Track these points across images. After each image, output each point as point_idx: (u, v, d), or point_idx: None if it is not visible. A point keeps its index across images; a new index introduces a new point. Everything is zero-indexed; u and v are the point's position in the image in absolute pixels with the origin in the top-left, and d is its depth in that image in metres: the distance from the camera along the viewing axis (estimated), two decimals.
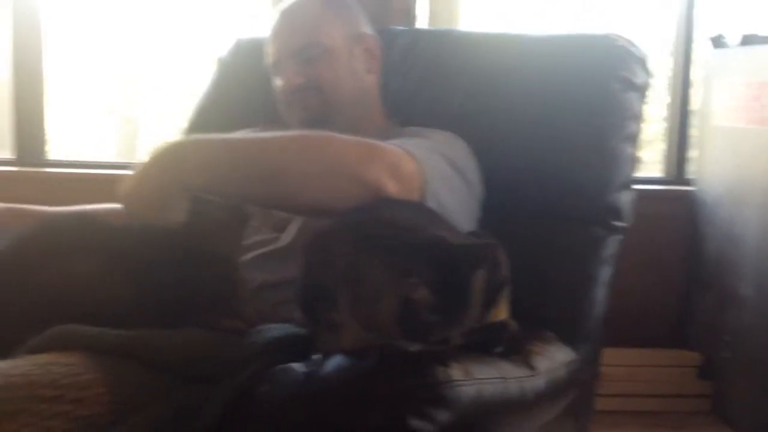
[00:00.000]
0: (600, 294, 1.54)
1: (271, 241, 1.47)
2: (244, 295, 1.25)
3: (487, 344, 1.09)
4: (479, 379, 1.01)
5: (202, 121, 1.94)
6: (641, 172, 3.09)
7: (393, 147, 1.27)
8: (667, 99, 2.89)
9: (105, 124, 4.16)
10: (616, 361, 2.62)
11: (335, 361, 0.98)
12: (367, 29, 1.68)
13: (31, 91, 2.75)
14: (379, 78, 1.69)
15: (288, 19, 1.63)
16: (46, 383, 0.92)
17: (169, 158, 1.19)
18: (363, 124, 1.64)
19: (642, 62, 1.65)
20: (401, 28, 1.81)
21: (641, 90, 1.65)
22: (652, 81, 1.68)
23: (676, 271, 2.76)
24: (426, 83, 1.76)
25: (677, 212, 2.74)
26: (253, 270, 1.39)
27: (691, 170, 2.85)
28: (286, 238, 1.46)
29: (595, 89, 1.62)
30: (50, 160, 2.81)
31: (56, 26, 2.84)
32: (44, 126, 2.80)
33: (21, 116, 2.75)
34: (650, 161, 3.01)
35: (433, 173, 1.30)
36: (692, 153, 2.87)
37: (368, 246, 1.04)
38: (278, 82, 1.63)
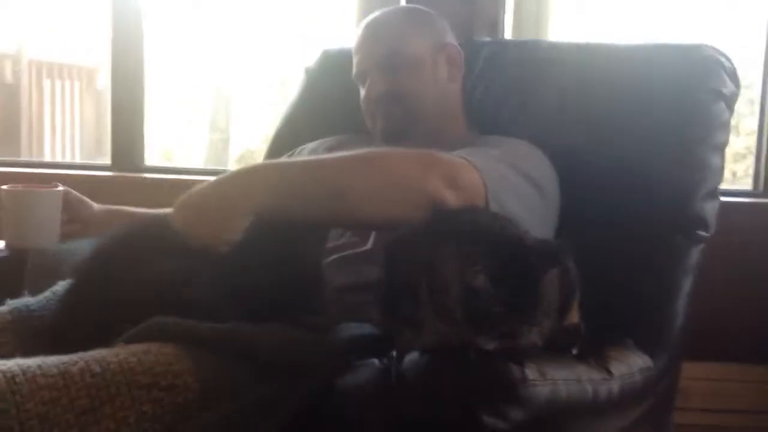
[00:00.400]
0: (682, 304, 1.53)
1: (354, 244, 1.51)
2: (328, 296, 1.30)
3: (564, 346, 1.10)
4: (554, 380, 1.02)
5: (289, 130, 2.00)
6: (731, 185, 3.05)
7: (452, 157, 1.29)
8: (749, 105, 2.82)
9: (197, 133, 4.30)
10: (701, 374, 2.57)
11: (412, 358, 1.00)
12: (450, 39, 1.71)
13: (131, 98, 2.86)
14: (461, 87, 1.71)
15: (372, 29, 1.68)
16: (141, 371, 0.98)
17: (233, 183, 1.23)
18: (444, 134, 1.66)
19: (731, 73, 1.64)
20: (487, 39, 1.84)
21: (729, 100, 1.63)
22: (741, 92, 1.66)
23: (765, 285, 2.68)
24: (510, 94, 1.77)
25: (767, 225, 2.66)
26: (336, 272, 1.43)
27: None
28: (368, 242, 1.50)
29: (683, 99, 1.61)
30: (146, 165, 2.93)
31: (156, 34, 2.94)
32: (143, 133, 2.91)
33: (120, 123, 2.87)
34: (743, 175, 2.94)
35: (496, 182, 1.31)
36: None
37: (444, 240, 1.07)
38: (362, 91, 1.68)
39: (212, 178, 2.57)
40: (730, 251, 2.52)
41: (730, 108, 1.62)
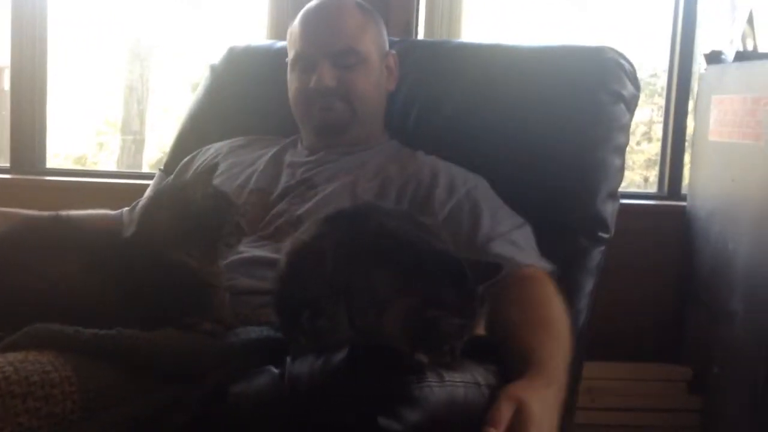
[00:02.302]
0: (584, 304, 1.55)
1: (261, 247, 1.48)
2: (223, 299, 1.26)
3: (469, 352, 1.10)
4: (453, 382, 1.01)
5: (194, 129, 1.95)
6: (634, 187, 3.13)
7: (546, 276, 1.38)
8: (662, 113, 2.90)
9: (110, 136, 4.18)
10: (607, 374, 2.62)
11: (306, 362, 0.98)
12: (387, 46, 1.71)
13: (32, 97, 2.75)
14: (388, 94, 1.72)
15: (330, 18, 1.64)
16: (16, 379, 0.92)
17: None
18: (371, 138, 1.68)
19: (632, 75, 1.67)
20: (397, 39, 1.83)
21: (630, 103, 1.66)
22: (656, 99, 1.70)
23: (669, 285, 2.75)
24: (418, 93, 1.77)
25: (670, 227, 2.74)
26: (240, 274, 1.39)
27: (685, 185, 2.85)
28: (281, 249, 1.46)
29: (584, 100, 1.64)
30: (48, 168, 2.82)
31: (58, 31, 2.84)
32: (45, 134, 2.80)
33: (19, 123, 2.76)
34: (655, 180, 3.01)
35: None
36: (686, 168, 2.87)
37: (373, 260, 1.06)
38: (303, 77, 1.63)
39: (121, 181, 2.51)
40: (637, 252, 2.59)
41: (630, 110, 1.65)
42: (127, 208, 1.78)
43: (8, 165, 2.77)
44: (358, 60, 1.62)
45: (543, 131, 1.61)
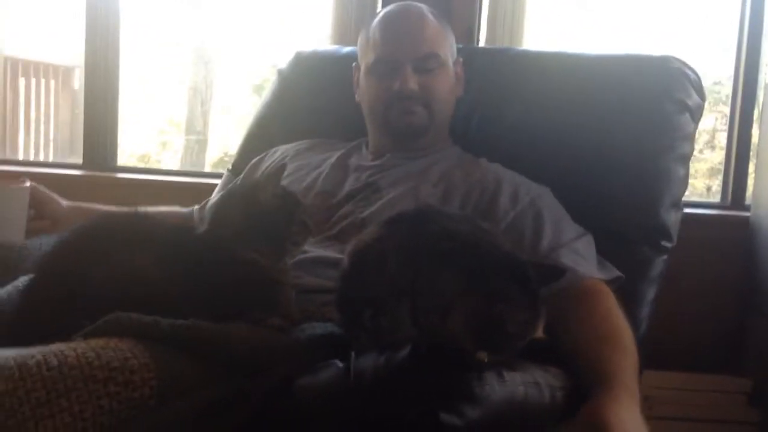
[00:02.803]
0: (645, 312, 1.55)
1: (326, 248, 1.52)
2: (290, 296, 1.30)
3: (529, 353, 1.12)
4: (513, 382, 1.03)
5: (261, 132, 2.01)
6: (706, 199, 3.09)
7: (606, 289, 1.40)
8: (726, 122, 2.86)
9: (174, 136, 4.29)
10: (665, 384, 2.59)
11: (370, 358, 1.01)
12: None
13: (104, 97, 2.85)
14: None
15: (412, 24, 1.68)
16: (98, 365, 0.97)
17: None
18: (438, 143, 1.71)
19: (697, 85, 1.67)
20: (459, 45, 1.85)
21: (694, 112, 1.66)
22: (719, 108, 1.69)
23: (730, 296, 2.71)
24: (480, 100, 1.80)
25: (733, 238, 2.69)
26: (306, 273, 1.43)
27: (748, 195, 2.80)
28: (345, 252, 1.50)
29: (649, 109, 1.64)
30: (118, 165, 2.91)
31: (128, 33, 2.93)
32: (116, 132, 2.90)
33: (92, 122, 2.86)
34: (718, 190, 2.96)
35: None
36: (750, 177, 2.82)
37: (435, 261, 1.09)
38: (384, 81, 1.66)
39: (185, 180, 2.57)
40: (699, 262, 2.56)
41: (695, 119, 1.65)
42: (197, 206, 1.83)
43: (81, 162, 2.87)
44: (438, 64, 1.65)
45: (607, 140, 1.62)
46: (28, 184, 1.60)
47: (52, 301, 1.16)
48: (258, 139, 1.98)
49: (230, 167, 2.01)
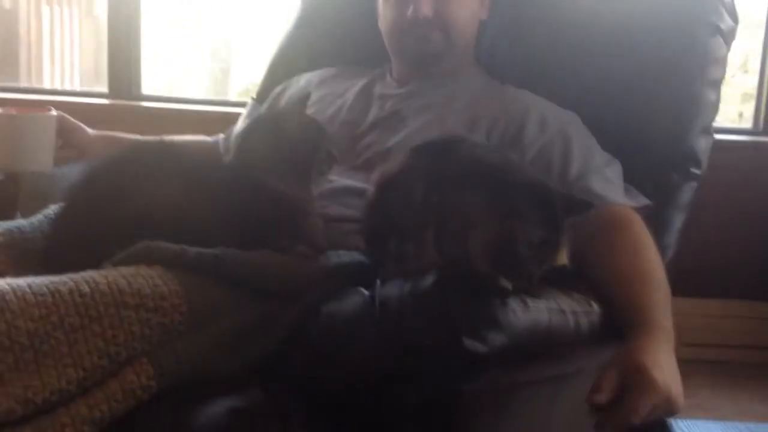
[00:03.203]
0: (672, 240, 1.54)
1: (351, 177, 1.52)
2: (315, 224, 1.31)
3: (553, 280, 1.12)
4: (536, 308, 1.04)
5: (285, 60, 1.98)
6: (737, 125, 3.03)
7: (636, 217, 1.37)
8: (760, 49, 2.78)
9: (197, 62, 4.25)
10: (695, 311, 2.61)
11: (396, 285, 1.02)
12: None
13: (128, 26, 2.84)
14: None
15: None
16: (129, 292, 0.99)
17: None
18: (462, 68, 1.67)
19: (730, 8, 1.62)
20: None
21: (727, 36, 1.62)
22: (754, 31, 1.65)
23: (761, 222, 2.69)
24: (508, 23, 1.75)
25: (765, 163, 2.66)
26: (332, 202, 1.44)
27: None
28: (369, 181, 1.50)
29: (679, 32, 1.60)
30: (143, 94, 2.91)
31: None
32: (140, 61, 2.89)
33: (117, 51, 2.85)
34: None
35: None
36: None
37: (461, 187, 1.10)
38: (398, 7, 1.63)
39: (210, 108, 2.57)
40: (730, 189, 2.53)
41: (728, 43, 1.61)
42: (222, 135, 1.84)
43: (107, 91, 2.88)
44: None
45: (636, 64, 1.58)
46: (54, 112, 1.60)
47: (82, 230, 1.18)
48: (281, 67, 1.96)
49: (254, 96, 2.00)
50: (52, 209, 1.31)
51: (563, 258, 1.14)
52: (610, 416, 1.03)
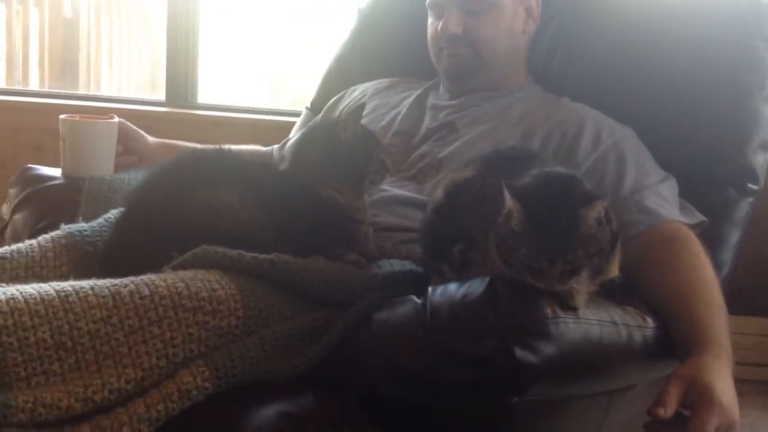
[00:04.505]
0: (728, 256, 1.52)
1: (403, 187, 1.53)
2: (368, 233, 1.32)
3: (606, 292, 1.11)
4: (587, 319, 1.03)
5: (340, 71, 2.01)
6: None
7: (691, 234, 1.36)
8: None
9: (254, 73, 4.31)
10: (747, 329, 2.56)
11: (447, 293, 1.02)
12: None
13: (186, 35, 2.89)
14: (530, 37, 1.70)
15: None
16: (187, 295, 1.02)
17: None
18: (507, 82, 1.67)
19: None
20: None
21: None
22: None
23: None
24: (563, 37, 1.75)
25: None
26: (384, 211, 1.45)
27: None
28: (423, 192, 1.51)
29: (737, 47, 1.58)
30: (199, 103, 2.97)
31: None
32: (196, 69, 2.95)
33: (174, 60, 2.91)
34: None
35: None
36: None
37: (526, 195, 1.07)
38: (434, 23, 1.65)
39: (264, 117, 2.60)
40: None
41: None
42: (277, 146, 1.86)
43: (164, 99, 2.94)
44: (488, 6, 1.59)
45: (694, 79, 1.57)
46: (116, 119, 1.65)
47: (141, 234, 1.21)
48: (336, 77, 1.99)
49: (309, 105, 2.02)
50: (113, 214, 1.35)
51: (615, 271, 1.13)
52: None
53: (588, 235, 1.02)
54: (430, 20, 1.68)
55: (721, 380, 1.06)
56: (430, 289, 1.05)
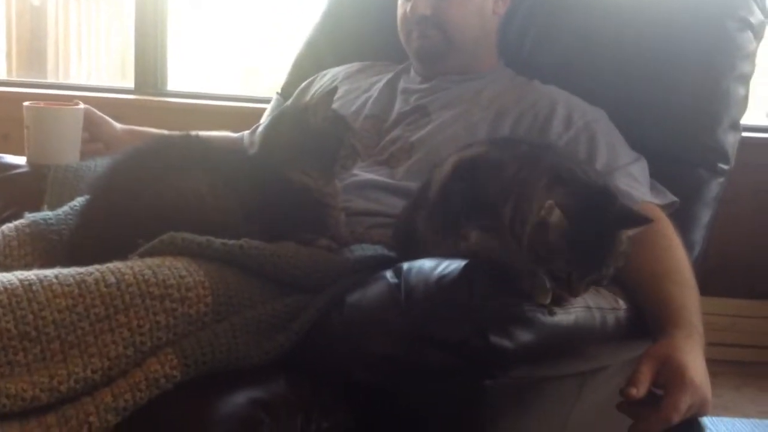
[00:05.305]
0: (699, 236, 1.52)
1: (375, 172, 1.52)
2: (339, 218, 1.31)
3: None
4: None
5: (311, 53, 1.99)
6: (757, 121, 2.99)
7: (662, 215, 1.35)
8: None
9: (230, 64, 4.27)
10: (719, 310, 2.57)
11: (423, 273, 1.01)
12: None
13: (154, 22, 2.86)
14: (501, 19, 1.68)
15: None
16: (154, 282, 1.00)
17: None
18: (476, 64, 1.66)
19: (760, 2, 1.60)
20: None
21: (757, 30, 1.60)
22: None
23: None
24: (535, 19, 1.74)
25: None
26: (355, 196, 1.44)
27: None
28: (397, 177, 1.50)
29: (709, 26, 1.58)
30: (169, 90, 2.93)
31: None
32: (166, 57, 2.91)
33: (143, 47, 2.87)
34: None
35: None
36: None
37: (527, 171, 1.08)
38: (404, 4, 1.63)
39: (237, 105, 2.56)
40: (757, 187, 2.50)
41: (758, 38, 1.59)
42: (247, 131, 1.84)
43: (133, 86, 2.90)
44: None
45: (665, 59, 1.57)
46: (81, 106, 1.62)
47: (108, 222, 1.19)
48: (307, 61, 1.97)
49: (279, 91, 2.00)
50: (78, 201, 1.32)
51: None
52: (648, 414, 1.02)
53: (621, 251, 1.02)
54: (399, 2, 1.66)
55: (693, 359, 1.07)
56: (404, 266, 1.04)
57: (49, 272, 1.01)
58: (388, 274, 1.04)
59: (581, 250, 0.99)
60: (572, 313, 1.05)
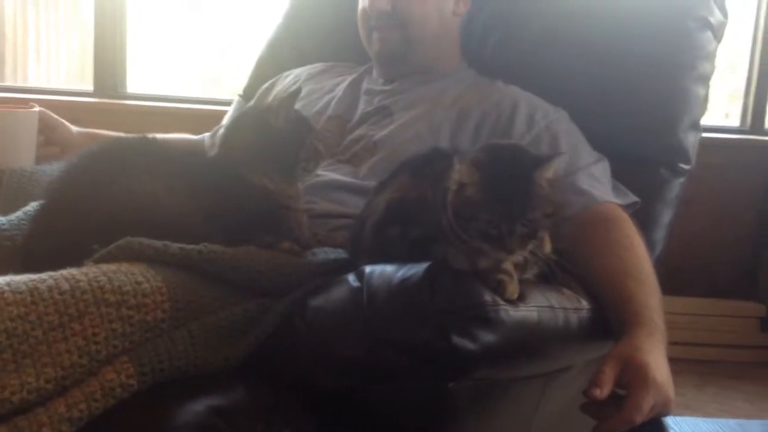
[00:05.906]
0: (660, 235, 1.53)
1: (337, 171, 1.50)
2: (301, 220, 1.29)
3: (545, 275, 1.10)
4: (526, 305, 1.02)
5: (272, 56, 1.97)
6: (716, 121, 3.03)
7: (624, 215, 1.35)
8: (748, 46, 2.78)
9: (185, 60, 4.23)
10: (679, 309, 2.60)
11: (385, 277, 0.99)
12: None
13: (113, 24, 2.82)
14: (462, 19, 1.68)
15: None
16: (110, 289, 0.97)
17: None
18: (438, 65, 1.65)
19: (720, 2, 1.62)
20: None
21: (717, 30, 1.61)
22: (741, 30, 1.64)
23: (748, 222, 2.69)
24: (498, 21, 1.74)
25: (752, 162, 2.66)
26: (318, 197, 1.42)
27: None
28: (359, 176, 1.48)
29: (668, 26, 1.59)
30: (128, 93, 2.89)
31: None
32: (125, 59, 2.87)
33: (102, 50, 2.83)
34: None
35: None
36: None
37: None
38: (363, 3, 1.62)
39: (198, 107, 2.53)
40: (717, 187, 2.53)
41: (717, 38, 1.60)
42: (208, 134, 1.82)
43: (92, 89, 2.85)
44: None
45: (625, 59, 1.58)
46: (36, 109, 1.58)
47: (61, 227, 1.16)
48: (268, 63, 1.95)
49: (241, 92, 1.98)
50: (33, 206, 1.29)
51: (548, 247, 1.11)
52: (611, 414, 1.02)
53: (543, 195, 1.01)
54: (358, 1, 1.65)
55: (656, 359, 1.07)
56: (367, 269, 1.02)
57: (1, 279, 0.97)
58: (351, 278, 1.03)
59: (501, 199, 0.99)
60: (535, 312, 1.05)
